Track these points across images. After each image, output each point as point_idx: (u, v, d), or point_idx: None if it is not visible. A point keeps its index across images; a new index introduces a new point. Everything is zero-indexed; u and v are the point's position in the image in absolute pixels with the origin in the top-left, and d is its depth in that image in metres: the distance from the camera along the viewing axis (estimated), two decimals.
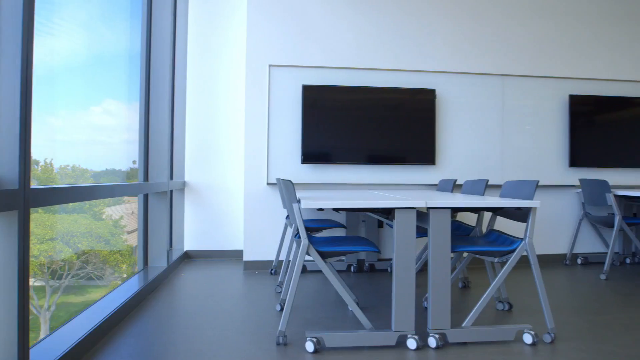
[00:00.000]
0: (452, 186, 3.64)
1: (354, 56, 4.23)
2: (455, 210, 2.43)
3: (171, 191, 4.46)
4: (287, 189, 2.38)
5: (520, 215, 2.48)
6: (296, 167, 4.12)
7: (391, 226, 3.02)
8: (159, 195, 3.77)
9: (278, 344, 2.27)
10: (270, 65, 4.12)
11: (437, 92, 4.25)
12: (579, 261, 4.48)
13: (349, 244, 2.44)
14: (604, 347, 2.27)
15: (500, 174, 4.35)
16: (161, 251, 3.76)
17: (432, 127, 4.18)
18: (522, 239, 2.37)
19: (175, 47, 4.44)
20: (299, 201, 2.29)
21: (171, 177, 4.45)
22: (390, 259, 4.16)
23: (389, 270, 4.04)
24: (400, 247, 2.21)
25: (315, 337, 2.19)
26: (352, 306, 2.30)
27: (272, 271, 3.98)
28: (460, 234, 3.08)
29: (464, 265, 2.98)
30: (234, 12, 4.64)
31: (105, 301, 2.70)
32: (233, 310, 2.94)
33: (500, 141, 4.38)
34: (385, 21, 4.27)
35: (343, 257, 4.09)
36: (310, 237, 2.38)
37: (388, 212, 2.34)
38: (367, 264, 4.09)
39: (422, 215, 2.34)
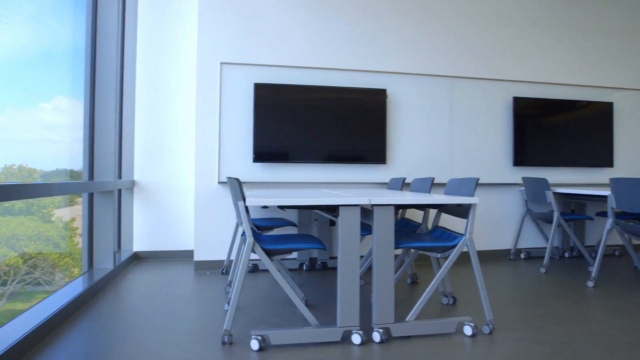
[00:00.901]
0: (401, 184, 3.73)
1: (307, 55, 4.25)
2: (398, 207, 2.49)
3: (119, 190, 4.34)
4: (233, 187, 2.37)
5: (462, 211, 2.57)
6: (248, 165, 4.10)
7: None
8: (106, 195, 3.65)
9: (223, 343, 2.25)
10: (221, 63, 4.08)
11: (388, 92, 4.34)
12: (522, 256, 4.68)
13: (295, 242, 2.45)
14: (537, 335, 2.39)
15: (448, 173, 4.49)
16: (107, 252, 3.64)
17: (383, 127, 4.26)
18: (463, 235, 2.46)
19: (124, 43, 4.32)
20: (244, 199, 2.28)
21: (119, 176, 4.33)
22: None
23: None
24: (344, 243, 2.25)
25: (261, 335, 2.19)
26: (298, 303, 2.32)
27: (224, 271, 3.94)
28: (408, 230, 3.16)
29: (411, 260, 3.06)
30: (185, 9, 4.56)
31: (44, 304, 2.59)
32: (180, 310, 2.89)
33: (449, 141, 4.51)
34: (338, 21, 4.32)
35: (294, 256, 4.11)
36: (257, 235, 2.38)
37: (333, 210, 2.37)
38: (319, 262, 4.12)
39: (370, 213, 2.38)
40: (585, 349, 2.23)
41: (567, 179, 4.87)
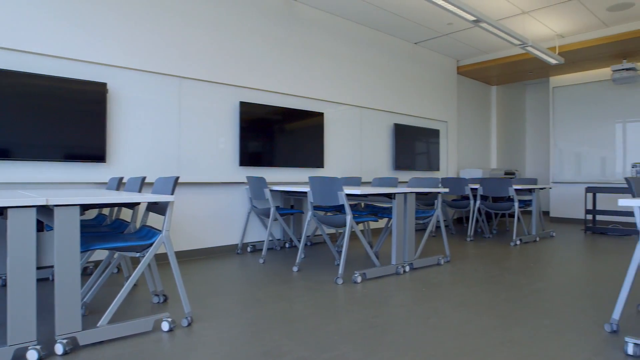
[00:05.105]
0: (118, 184, 3.56)
1: (8, 35, 3.63)
2: (85, 208, 2.36)
3: None
4: None
5: (163, 209, 2.60)
6: None
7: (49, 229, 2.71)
8: None
9: None
10: None
11: (109, 87, 4.08)
12: (249, 249, 5.06)
13: None
14: (231, 321, 2.61)
15: (176, 172, 4.50)
16: None
17: (102, 122, 3.98)
18: (160, 232, 2.48)
19: None
20: None
21: None
22: (52, 266, 3.77)
23: (50, 278, 3.65)
24: (14, 250, 1.99)
25: None
26: None
27: None
28: (119, 231, 3.03)
29: (115, 264, 2.93)
30: None
31: None
32: None
33: (177, 140, 4.53)
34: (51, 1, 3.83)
35: None
36: None
37: (1, 213, 2.09)
38: None
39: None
40: (267, 325, 2.53)
41: (288, 178, 5.49)
